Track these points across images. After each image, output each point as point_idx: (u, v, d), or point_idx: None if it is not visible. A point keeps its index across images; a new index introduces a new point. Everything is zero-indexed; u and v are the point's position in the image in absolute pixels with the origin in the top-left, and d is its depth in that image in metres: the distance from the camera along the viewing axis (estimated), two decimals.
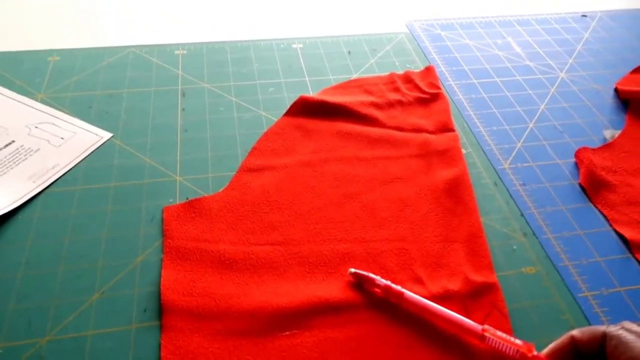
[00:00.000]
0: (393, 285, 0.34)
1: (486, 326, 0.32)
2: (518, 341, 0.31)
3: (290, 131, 0.47)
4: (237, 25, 0.62)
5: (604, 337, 0.28)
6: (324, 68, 0.56)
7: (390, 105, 0.51)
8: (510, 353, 0.31)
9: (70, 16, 0.62)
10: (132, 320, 0.33)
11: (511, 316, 0.35)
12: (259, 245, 0.38)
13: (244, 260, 0.37)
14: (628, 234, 0.41)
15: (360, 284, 0.36)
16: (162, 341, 0.32)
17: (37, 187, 0.41)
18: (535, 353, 0.30)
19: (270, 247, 0.38)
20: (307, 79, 0.54)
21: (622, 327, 0.28)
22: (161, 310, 0.34)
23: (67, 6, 0.63)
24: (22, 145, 0.44)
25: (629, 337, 0.27)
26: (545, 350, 0.30)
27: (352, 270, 0.36)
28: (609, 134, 0.50)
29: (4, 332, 0.32)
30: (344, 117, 0.49)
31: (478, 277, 0.36)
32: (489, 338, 0.31)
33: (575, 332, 0.29)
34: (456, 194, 0.42)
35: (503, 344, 0.31)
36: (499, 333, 0.32)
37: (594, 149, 0.48)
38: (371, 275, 0.35)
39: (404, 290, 0.34)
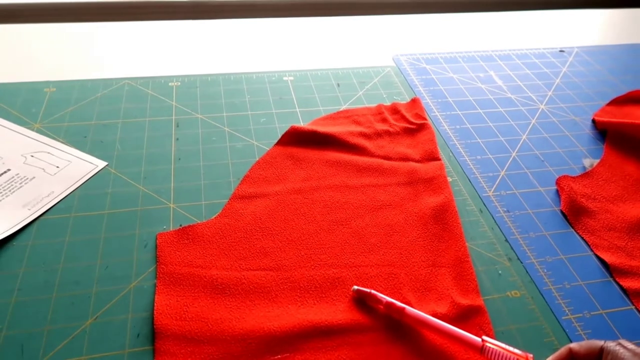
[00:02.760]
0: (395, 302, 0.36)
1: (485, 337, 0.33)
2: (517, 351, 0.32)
3: (282, 160, 0.49)
4: (230, 58, 0.65)
5: (601, 351, 0.29)
6: (314, 100, 0.58)
7: (378, 135, 0.53)
8: None
9: (67, 49, 0.63)
10: (125, 346, 0.34)
11: (497, 338, 0.35)
12: (251, 270, 0.39)
13: (236, 285, 0.37)
14: (608, 258, 0.42)
15: (363, 300, 0.37)
16: None
17: (32, 215, 0.41)
18: None
19: (262, 273, 0.39)
20: (297, 110, 0.56)
21: (619, 344, 0.29)
22: (154, 335, 0.34)
23: (64, 39, 0.65)
24: (17, 174, 0.45)
25: (625, 353, 0.28)
26: None
27: (356, 287, 0.37)
28: (588, 162, 0.52)
29: None
30: (333, 147, 0.50)
31: (465, 301, 0.37)
32: (489, 349, 0.32)
33: (573, 345, 0.30)
34: (443, 220, 0.43)
35: (502, 355, 0.32)
36: (498, 343, 0.32)
37: (574, 177, 0.50)
38: (373, 292, 0.37)
39: (404, 305, 0.35)
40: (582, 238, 0.44)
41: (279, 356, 0.33)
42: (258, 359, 0.33)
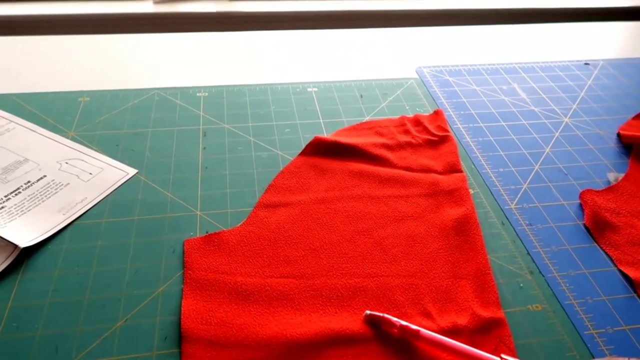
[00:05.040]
0: (409, 325, 0.35)
1: (503, 355, 0.33)
2: None
3: (305, 170, 0.50)
4: (256, 69, 0.66)
5: None
6: (338, 111, 0.59)
7: (401, 146, 0.53)
8: None
9: (100, 60, 0.66)
10: (153, 348, 0.35)
11: (518, 352, 0.36)
12: (275, 277, 0.40)
13: (260, 292, 0.38)
14: (633, 273, 0.42)
15: (377, 324, 0.37)
16: None
17: (66, 220, 0.43)
18: None
19: (285, 280, 0.40)
20: (321, 120, 0.57)
21: None
22: (181, 338, 0.35)
23: (98, 51, 0.68)
24: (53, 180, 0.47)
25: None
26: None
27: (368, 312, 0.37)
28: (613, 177, 0.52)
29: (32, 357, 0.34)
30: (356, 157, 0.51)
31: (485, 313, 0.38)
32: None
33: None
34: (464, 232, 0.44)
35: None
36: None
37: (598, 191, 0.49)
38: (386, 315, 0.36)
39: (419, 328, 0.35)
40: (606, 253, 0.44)
41: None
42: None
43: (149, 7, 0.92)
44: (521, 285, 0.41)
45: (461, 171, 0.50)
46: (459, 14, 0.93)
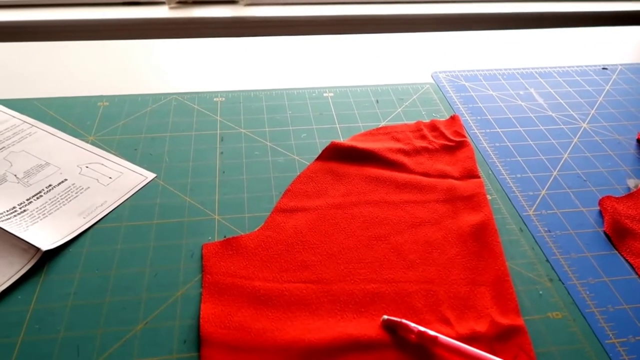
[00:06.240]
0: (427, 331, 0.35)
1: None
2: None
3: (322, 175, 0.50)
4: (272, 75, 0.67)
5: None
6: (354, 116, 0.59)
7: (417, 152, 0.53)
8: None
9: (120, 66, 0.67)
10: (172, 351, 0.35)
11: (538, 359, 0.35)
12: (292, 282, 0.40)
13: (277, 297, 0.39)
14: None
15: (394, 330, 0.37)
16: None
17: (86, 223, 0.44)
18: None
19: (303, 285, 0.40)
20: (337, 125, 0.57)
21: None
22: (200, 342, 0.35)
23: (117, 56, 0.68)
24: (73, 184, 0.48)
25: None
26: None
27: (385, 317, 0.37)
28: (633, 183, 0.51)
29: (54, 358, 0.34)
30: (373, 163, 0.51)
31: (505, 320, 0.37)
32: None
33: None
34: (482, 238, 0.44)
35: None
36: None
37: (618, 198, 0.49)
38: (404, 321, 0.36)
39: (438, 334, 0.35)
40: (627, 260, 0.43)
41: None
42: None
43: (164, 13, 0.93)
44: (540, 292, 0.41)
45: (478, 177, 0.50)
46: (475, 18, 0.93)
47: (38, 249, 0.40)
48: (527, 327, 0.37)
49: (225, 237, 0.43)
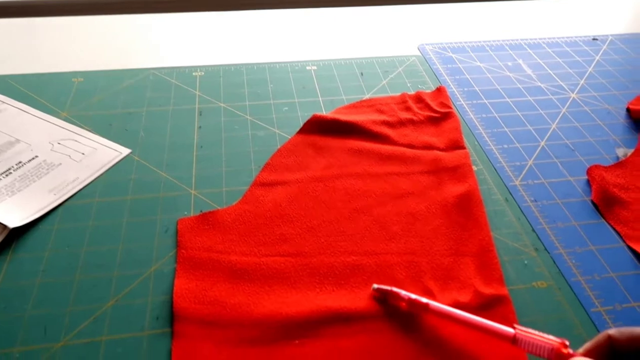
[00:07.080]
0: (418, 298, 0.34)
1: (517, 325, 0.31)
2: (552, 337, 0.30)
3: (303, 148, 0.48)
4: (254, 48, 0.65)
5: None
6: (337, 89, 0.57)
7: (402, 123, 0.52)
8: (544, 353, 0.29)
9: (94, 40, 0.64)
10: (144, 327, 0.34)
11: None
12: (270, 256, 0.39)
13: (255, 271, 0.37)
14: None
15: (384, 299, 0.36)
16: (172, 347, 0.32)
17: (57, 200, 0.42)
18: (570, 351, 0.29)
19: (281, 259, 0.38)
20: (320, 99, 0.56)
21: None
22: (173, 317, 0.34)
23: (92, 31, 0.66)
24: (44, 160, 0.46)
25: None
26: (581, 349, 0.28)
27: (376, 286, 0.36)
28: (622, 152, 0.50)
29: (20, 337, 0.33)
30: (356, 135, 0.50)
31: (488, 290, 0.36)
32: (522, 339, 0.30)
33: (612, 332, 0.28)
34: (466, 209, 0.42)
35: (537, 343, 0.30)
36: (531, 330, 0.30)
37: (606, 167, 0.48)
38: (394, 289, 0.35)
39: (429, 301, 0.34)
40: (614, 229, 0.42)
41: (297, 341, 0.33)
42: (275, 343, 0.33)
43: None
44: (526, 262, 0.39)
45: (464, 148, 0.49)
46: None
47: (5, 227, 0.39)
48: (512, 297, 0.36)
49: (201, 211, 0.42)
